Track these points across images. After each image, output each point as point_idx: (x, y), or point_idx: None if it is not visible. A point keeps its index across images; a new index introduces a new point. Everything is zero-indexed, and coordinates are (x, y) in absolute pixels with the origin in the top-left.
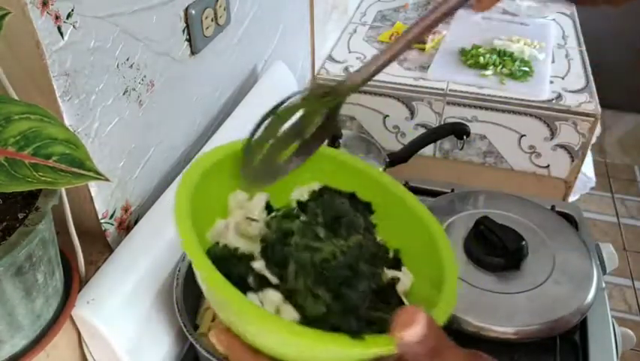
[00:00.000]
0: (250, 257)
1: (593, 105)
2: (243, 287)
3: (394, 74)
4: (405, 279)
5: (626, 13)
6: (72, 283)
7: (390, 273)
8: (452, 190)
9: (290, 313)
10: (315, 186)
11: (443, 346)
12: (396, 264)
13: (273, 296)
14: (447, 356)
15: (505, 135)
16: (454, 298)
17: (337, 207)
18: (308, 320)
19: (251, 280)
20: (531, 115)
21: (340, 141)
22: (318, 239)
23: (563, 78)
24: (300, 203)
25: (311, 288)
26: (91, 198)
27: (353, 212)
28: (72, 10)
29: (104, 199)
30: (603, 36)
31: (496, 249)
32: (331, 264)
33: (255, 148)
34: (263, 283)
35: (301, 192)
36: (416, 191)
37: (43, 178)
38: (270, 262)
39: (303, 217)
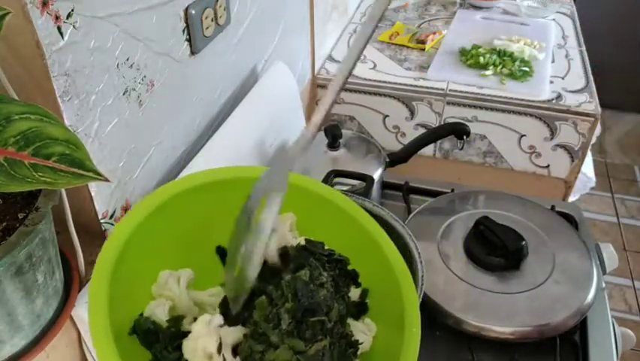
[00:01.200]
0: (180, 334)
1: (593, 105)
2: None
3: (394, 74)
4: (366, 339)
5: (626, 13)
6: (72, 283)
7: (354, 328)
8: (452, 190)
9: None
10: (290, 218)
11: None
12: (362, 309)
13: None
14: None
15: (505, 135)
16: (415, 346)
17: (313, 296)
18: None
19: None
20: (531, 115)
21: (340, 141)
22: (277, 331)
23: (563, 78)
24: (282, 253)
25: None
26: (91, 198)
27: (331, 297)
28: (72, 10)
29: (104, 199)
30: (603, 36)
31: (496, 249)
32: None
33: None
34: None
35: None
36: (416, 191)
37: (42, 178)
38: (226, 318)
39: (271, 289)
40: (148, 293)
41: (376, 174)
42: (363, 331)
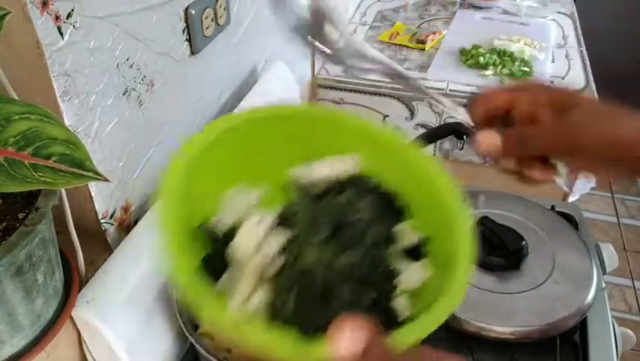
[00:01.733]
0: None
1: None
2: (221, 266)
3: None
4: (414, 276)
5: (626, 13)
6: (72, 283)
7: (404, 268)
8: None
9: (259, 298)
10: (350, 161)
11: None
12: (417, 254)
13: (245, 281)
14: None
15: None
16: (460, 292)
17: (348, 215)
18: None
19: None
20: None
21: None
22: (313, 242)
23: (562, 78)
24: (333, 183)
25: (286, 287)
26: (91, 198)
27: (369, 222)
28: (72, 10)
29: (103, 199)
30: (603, 36)
31: (496, 249)
32: (308, 275)
33: None
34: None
35: (334, 163)
36: None
37: (42, 178)
38: (282, 224)
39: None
40: (213, 208)
41: None
42: (415, 271)
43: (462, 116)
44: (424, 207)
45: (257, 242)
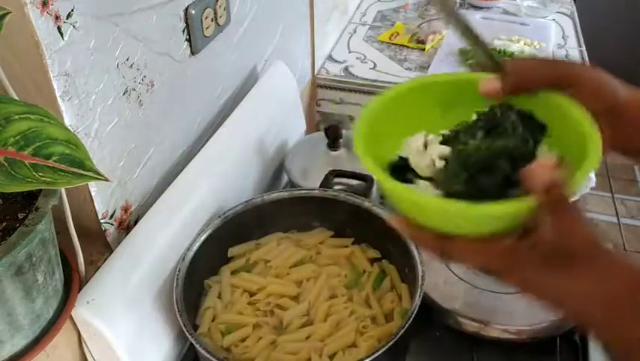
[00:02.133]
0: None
1: None
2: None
3: (394, 74)
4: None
5: (626, 13)
6: (72, 283)
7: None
8: None
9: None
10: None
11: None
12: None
13: (422, 184)
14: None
15: None
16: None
17: (500, 120)
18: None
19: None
20: None
21: (340, 141)
22: (472, 140)
23: None
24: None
25: (454, 173)
26: (91, 198)
27: (515, 125)
28: (72, 10)
29: (103, 199)
30: (603, 36)
31: None
32: (471, 158)
33: None
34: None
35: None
36: None
37: (42, 178)
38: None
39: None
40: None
41: None
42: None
43: None
44: (560, 132)
45: (424, 143)
